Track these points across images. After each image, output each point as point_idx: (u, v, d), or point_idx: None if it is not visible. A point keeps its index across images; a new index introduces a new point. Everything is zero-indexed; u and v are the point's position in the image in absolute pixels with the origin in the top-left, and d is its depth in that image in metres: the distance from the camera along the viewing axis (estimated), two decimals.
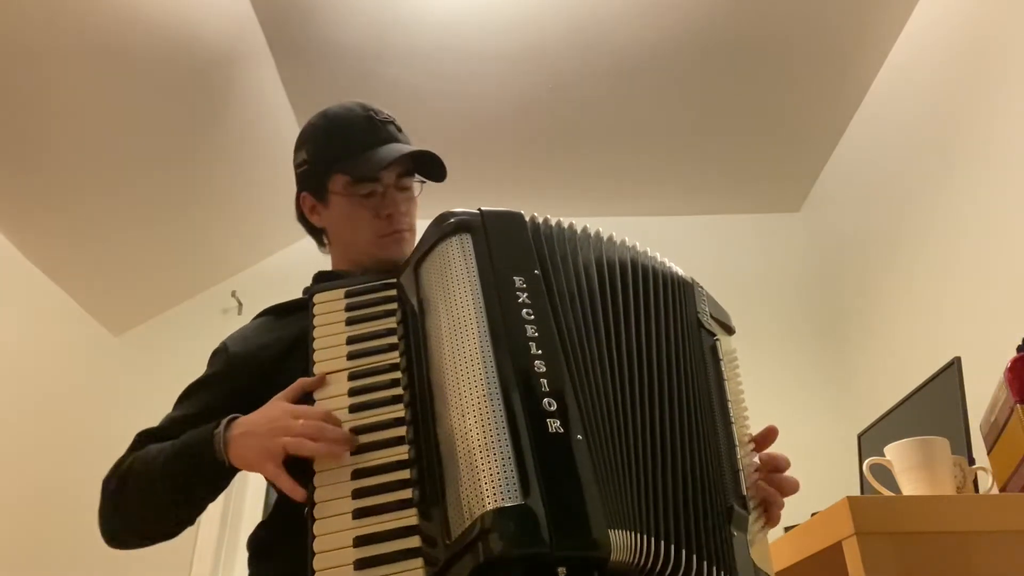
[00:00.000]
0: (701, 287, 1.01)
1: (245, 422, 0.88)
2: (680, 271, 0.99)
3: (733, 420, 0.90)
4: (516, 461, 0.71)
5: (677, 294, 0.96)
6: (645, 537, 0.74)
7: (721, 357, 0.95)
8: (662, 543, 0.75)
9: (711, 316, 1.00)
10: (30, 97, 2.12)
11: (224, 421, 0.90)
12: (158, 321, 3.05)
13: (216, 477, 0.91)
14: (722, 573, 0.77)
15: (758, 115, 2.86)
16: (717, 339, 0.97)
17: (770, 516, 0.92)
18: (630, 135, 2.93)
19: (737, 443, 0.89)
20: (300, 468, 0.83)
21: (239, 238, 3.05)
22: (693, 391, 0.88)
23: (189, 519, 0.97)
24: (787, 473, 0.95)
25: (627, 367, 0.85)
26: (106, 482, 0.98)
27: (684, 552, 0.75)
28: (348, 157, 1.07)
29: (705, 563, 0.76)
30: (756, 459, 0.94)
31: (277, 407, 0.87)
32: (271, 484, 1.06)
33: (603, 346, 0.85)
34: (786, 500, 0.94)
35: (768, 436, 0.97)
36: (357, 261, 1.11)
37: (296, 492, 0.80)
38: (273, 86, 2.65)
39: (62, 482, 2.62)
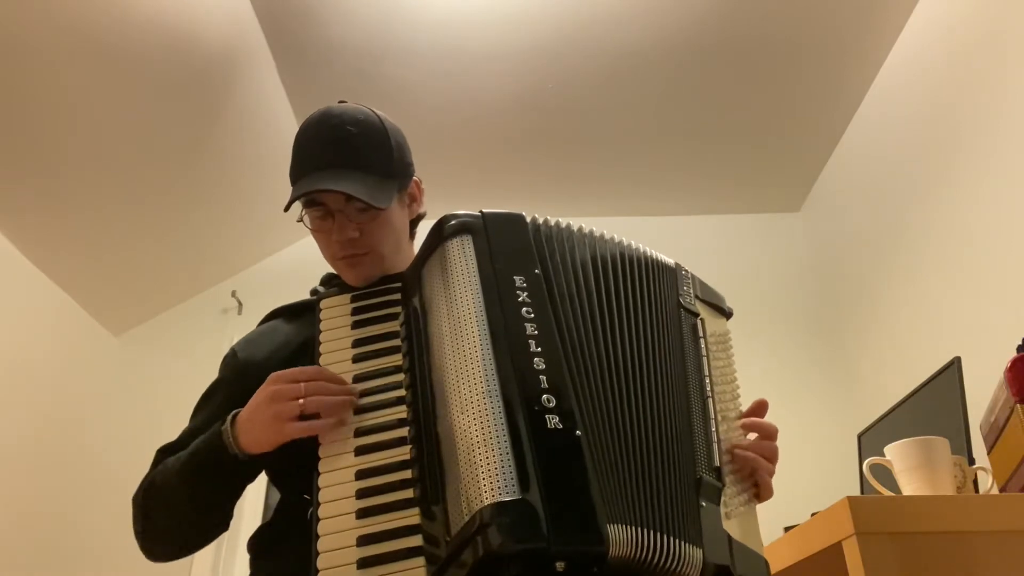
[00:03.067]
0: (687, 271, 1.02)
1: (245, 409, 0.91)
2: (665, 258, 1.01)
3: (709, 394, 0.91)
4: (515, 456, 0.72)
5: (658, 280, 0.97)
6: (645, 531, 0.74)
7: (701, 335, 0.96)
8: (665, 536, 0.75)
9: (697, 298, 1.01)
10: (29, 98, 2.12)
11: (228, 417, 0.92)
12: (158, 321, 3.05)
13: (233, 474, 0.92)
14: (685, 544, 0.76)
15: (758, 115, 2.86)
16: (699, 318, 0.98)
17: (759, 483, 0.92)
18: (630, 135, 2.93)
19: (716, 417, 0.90)
20: (303, 465, 0.84)
21: (239, 238, 3.05)
22: (669, 374, 0.89)
23: (219, 524, 0.98)
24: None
25: (623, 362, 0.86)
26: (134, 500, 1.00)
27: (661, 536, 0.75)
28: (295, 179, 1.06)
29: (670, 537, 0.76)
30: (742, 434, 0.94)
31: (267, 381, 0.89)
32: (278, 481, 1.06)
33: (601, 343, 0.86)
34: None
35: (758, 410, 0.98)
36: None
37: (334, 429, 0.84)
38: (273, 86, 2.65)
39: (62, 482, 2.62)
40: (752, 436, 0.96)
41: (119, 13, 2.09)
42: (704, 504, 0.81)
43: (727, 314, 1.06)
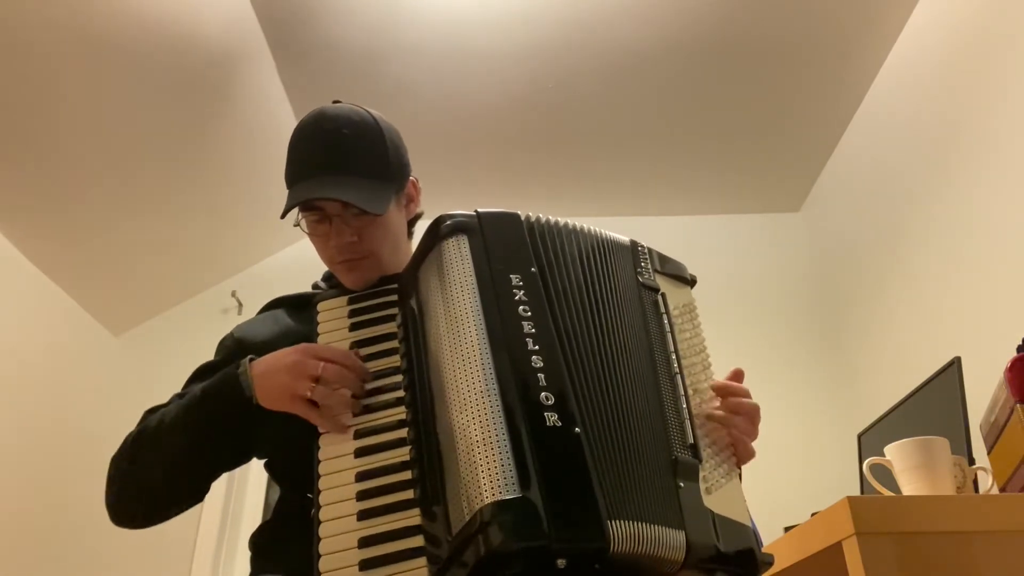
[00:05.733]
0: (643, 246, 1.02)
1: (264, 361, 0.92)
2: (619, 237, 1.00)
3: (677, 371, 0.90)
4: (514, 455, 0.72)
5: (620, 263, 0.96)
6: (636, 523, 0.74)
7: (664, 311, 0.95)
8: (647, 525, 0.74)
9: (657, 272, 1.00)
10: (30, 97, 2.12)
11: (246, 360, 0.92)
12: (158, 321, 3.05)
13: (241, 420, 0.92)
14: (666, 529, 0.76)
15: (758, 115, 2.86)
16: (660, 293, 0.97)
17: (739, 445, 0.91)
18: (630, 135, 2.93)
19: (687, 392, 0.89)
20: (305, 463, 0.84)
21: (239, 238, 3.05)
22: (638, 358, 0.89)
23: (202, 479, 0.97)
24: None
25: (610, 355, 0.86)
26: (114, 457, 0.99)
27: (644, 525, 0.75)
28: (290, 183, 1.05)
29: (652, 525, 0.75)
30: (716, 404, 0.94)
31: (295, 348, 0.90)
32: (278, 477, 1.06)
33: (593, 338, 0.86)
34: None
35: (734, 380, 0.97)
36: None
37: (333, 424, 0.85)
38: (273, 86, 2.65)
39: (62, 482, 2.62)
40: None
41: (119, 13, 2.09)
42: (682, 484, 0.80)
43: (690, 282, 1.05)
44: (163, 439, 0.94)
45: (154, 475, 0.95)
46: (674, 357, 0.91)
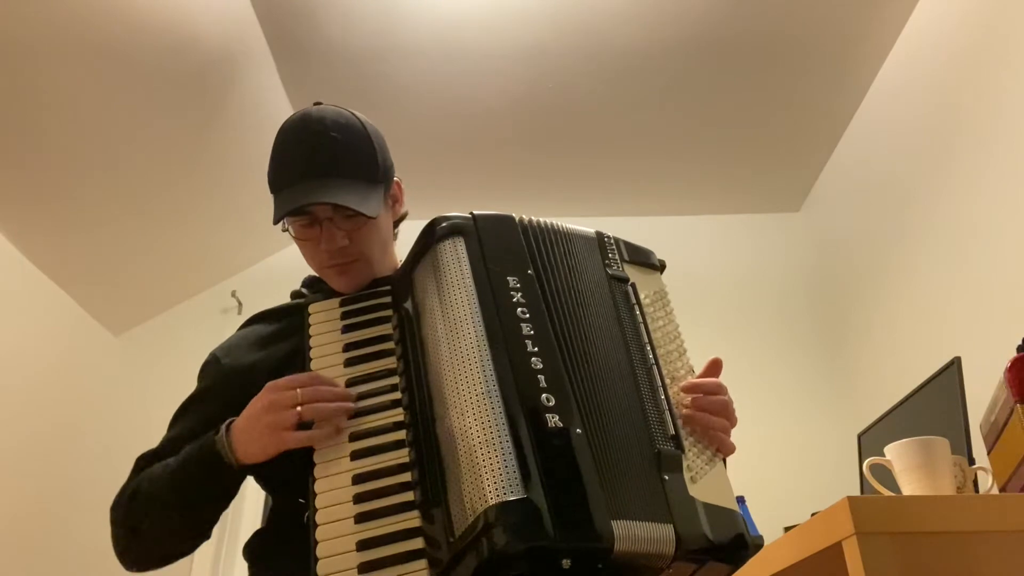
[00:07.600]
0: (610, 237, 1.01)
1: (240, 418, 0.90)
2: (585, 230, 0.99)
3: (653, 362, 0.90)
4: (517, 456, 0.72)
5: (589, 255, 0.96)
6: (640, 524, 0.74)
7: (635, 301, 0.95)
8: (636, 522, 0.74)
9: (625, 262, 0.99)
10: (30, 97, 2.12)
11: (223, 427, 0.90)
12: (158, 321, 3.05)
13: (226, 484, 0.91)
14: (655, 525, 0.75)
15: (758, 115, 2.86)
16: (631, 284, 0.96)
17: (716, 442, 0.90)
18: (630, 135, 2.93)
19: (664, 383, 0.89)
20: (297, 470, 0.84)
21: (239, 238, 3.05)
22: (617, 352, 0.88)
23: (204, 533, 0.97)
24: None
25: (600, 353, 0.86)
26: (114, 509, 0.97)
27: (635, 523, 0.74)
28: (276, 190, 1.04)
29: (644, 523, 0.75)
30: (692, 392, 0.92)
31: (264, 390, 0.89)
32: (269, 486, 1.05)
33: (587, 337, 0.86)
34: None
35: (712, 368, 0.96)
36: None
37: (327, 438, 0.84)
38: (273, 86, 2.65)
39: (62, 482, 2.62)
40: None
41: (119, 13, 2.09)
42: (667, 477, 0.80)
43: (659, 268, 1.03)
44: (158, 508, 0.93)
45: (157, 539, 0.95)
46: (649, 348, 0.91)
